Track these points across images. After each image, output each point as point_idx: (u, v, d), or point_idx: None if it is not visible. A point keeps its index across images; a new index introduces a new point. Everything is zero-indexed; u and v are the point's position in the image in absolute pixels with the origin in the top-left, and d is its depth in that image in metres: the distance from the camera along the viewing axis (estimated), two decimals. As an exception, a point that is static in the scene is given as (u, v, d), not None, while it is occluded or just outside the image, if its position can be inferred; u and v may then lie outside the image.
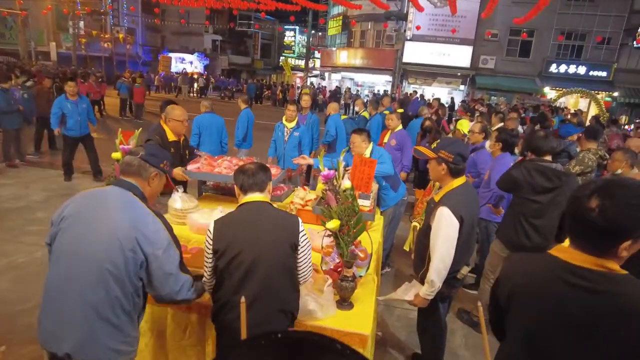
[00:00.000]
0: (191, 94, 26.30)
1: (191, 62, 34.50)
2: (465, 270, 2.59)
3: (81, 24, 28.36)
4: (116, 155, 2.78)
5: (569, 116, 12.68)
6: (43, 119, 8.50)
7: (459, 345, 3.53)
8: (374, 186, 3.76)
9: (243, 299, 1.22)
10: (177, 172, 3.45)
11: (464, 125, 6.53)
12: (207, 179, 3.73)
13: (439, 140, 3.81)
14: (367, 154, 3.93)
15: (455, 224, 2.39)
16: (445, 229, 2.39)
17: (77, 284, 1.67)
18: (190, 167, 3.57)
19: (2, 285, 3.80)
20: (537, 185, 3.15)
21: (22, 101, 7.84)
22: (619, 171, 3.77)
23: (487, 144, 4.72)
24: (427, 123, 6.23)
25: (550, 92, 20.64)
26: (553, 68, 20.97)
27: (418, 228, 2.97)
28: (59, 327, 1.70)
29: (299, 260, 2.03)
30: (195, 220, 3.14)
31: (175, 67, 32.94)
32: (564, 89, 19.39)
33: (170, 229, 1.84)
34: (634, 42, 18.66)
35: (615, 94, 20.06)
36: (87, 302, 1.67)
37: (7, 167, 7.37)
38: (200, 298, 2.09)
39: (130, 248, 1.67)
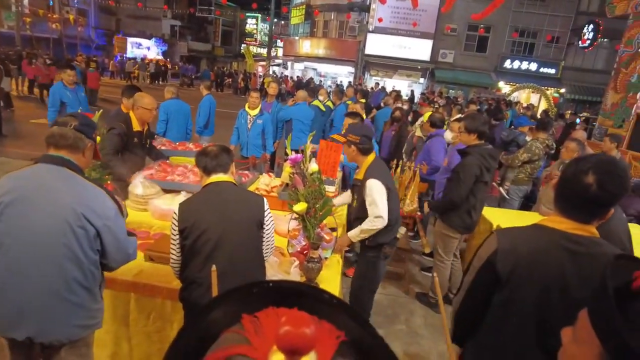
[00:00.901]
0: (146, 80, 25.22)
1: (148, 48, 33.03)
2: (403, 230, 2.87)
3: (25, 1, 26.42)
4: None
5: (521, 110, 13.37)
6: None
7: (419, 325, 3.69)
8: (338, 173, 3.82)
9: (214, 268, 1.22)
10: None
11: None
12: (161, 187, 3.43)
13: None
14: None
15: (384, 191, 2.74)
16: (379, 195, 2.71)
17: (30, 272, 1.62)
18: (145, 172, 3.45)
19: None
20: (491, 167, 3.44)
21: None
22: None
23: (446, 133, 4.93)
24: (397, 113, 6.37)
25: (504, 87, 21.59)
26: (507, 64, 21.95)
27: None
28: (15, 315, 1.64)
29: (264, 238, 2.07)
30: (158, 206, 3.07)
31: (132, 52, 31.39)
32: (517, 84, 20.34)
33: (111, 195, 1.79)
34: (580, 42, 19.80)
35: (562, 90, 21.31)
36: (43, 288, 1.62)
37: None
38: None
39: (79, 225, 1.63)
